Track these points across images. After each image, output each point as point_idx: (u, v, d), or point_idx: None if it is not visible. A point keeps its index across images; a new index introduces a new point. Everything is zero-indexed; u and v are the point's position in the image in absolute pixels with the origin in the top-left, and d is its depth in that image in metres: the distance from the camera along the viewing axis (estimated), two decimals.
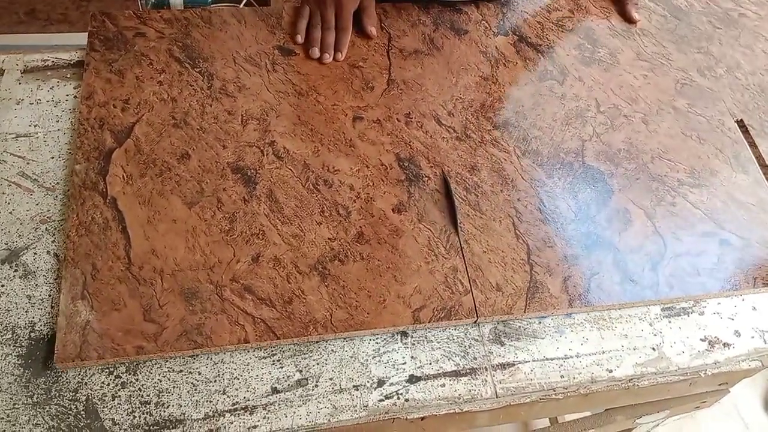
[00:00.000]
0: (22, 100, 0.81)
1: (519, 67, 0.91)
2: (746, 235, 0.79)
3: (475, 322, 0.70)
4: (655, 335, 0.73)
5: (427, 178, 0.78)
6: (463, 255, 0.73)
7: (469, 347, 0.70)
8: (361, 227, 0.73)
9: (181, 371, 0.64)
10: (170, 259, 0.68)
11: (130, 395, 0.63)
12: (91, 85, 0.80)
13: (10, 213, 0.72)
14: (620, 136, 0.86)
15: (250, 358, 0.66)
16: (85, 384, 0.63)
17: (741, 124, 0.90)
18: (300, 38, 0.88)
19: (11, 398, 0.61)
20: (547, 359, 0.70)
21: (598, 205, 0.79)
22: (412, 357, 0.68)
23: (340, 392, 0.65)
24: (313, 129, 0.80)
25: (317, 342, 0.67)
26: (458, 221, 0.74)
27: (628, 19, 0.99)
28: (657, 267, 0.75)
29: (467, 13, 0.96)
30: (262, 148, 0.77)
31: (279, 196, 0.74)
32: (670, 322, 0.75)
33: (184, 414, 0.62)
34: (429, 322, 0.68)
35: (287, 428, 0.63)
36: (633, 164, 0.83)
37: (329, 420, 0.64)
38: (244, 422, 0.63)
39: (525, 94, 0.88)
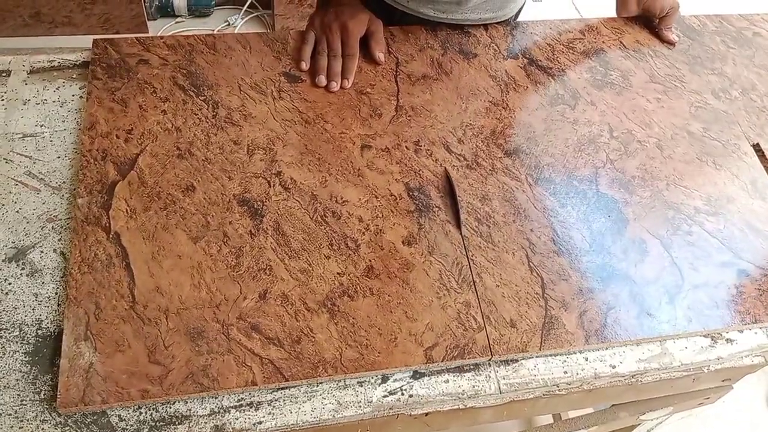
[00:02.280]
0: (29, 100, 0.81)
1: (529, 91, 0.89)
2: (765, 265, 0.77)
3: (489, 360, 0.68)
4: None
5: (437, 209, 0.76)
6: (475, 289, 0.71)
7: None
8: (370, 261, 0.71)
9: None
10: (175, 297, 0.66)
11: None
12: (94, 115, 0.78)
13: (17, 212, 0.72)
14: (634, 163, 0.84)
15: None
16: None
17: (757, 148, 0.88)
18: (304, 65, 0.86)
19: (19, 395, 0.61)
20: (550, 355, 0.70)
21: (613, 235, 0.77)
22: None
23: (345, 388, 0.65)
24: (321, 158, 0.78)
25: None
26: (460, 212, 0.75)
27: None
28: (674, 299, 0.73)
29: (476, 36, 0.94)
30: (268, 178, 0.76)
31: (286, 229, 0.72)
32: None
33: (190, 410, 0.62)
34: (442, 361, 0.66)
35: (292, 424, 0.63)
36: (648, 192, 0.81)
37: (334, 416, 0.64)
38: (249, 418, 0.63)
39: (536, 120, 0.86)
